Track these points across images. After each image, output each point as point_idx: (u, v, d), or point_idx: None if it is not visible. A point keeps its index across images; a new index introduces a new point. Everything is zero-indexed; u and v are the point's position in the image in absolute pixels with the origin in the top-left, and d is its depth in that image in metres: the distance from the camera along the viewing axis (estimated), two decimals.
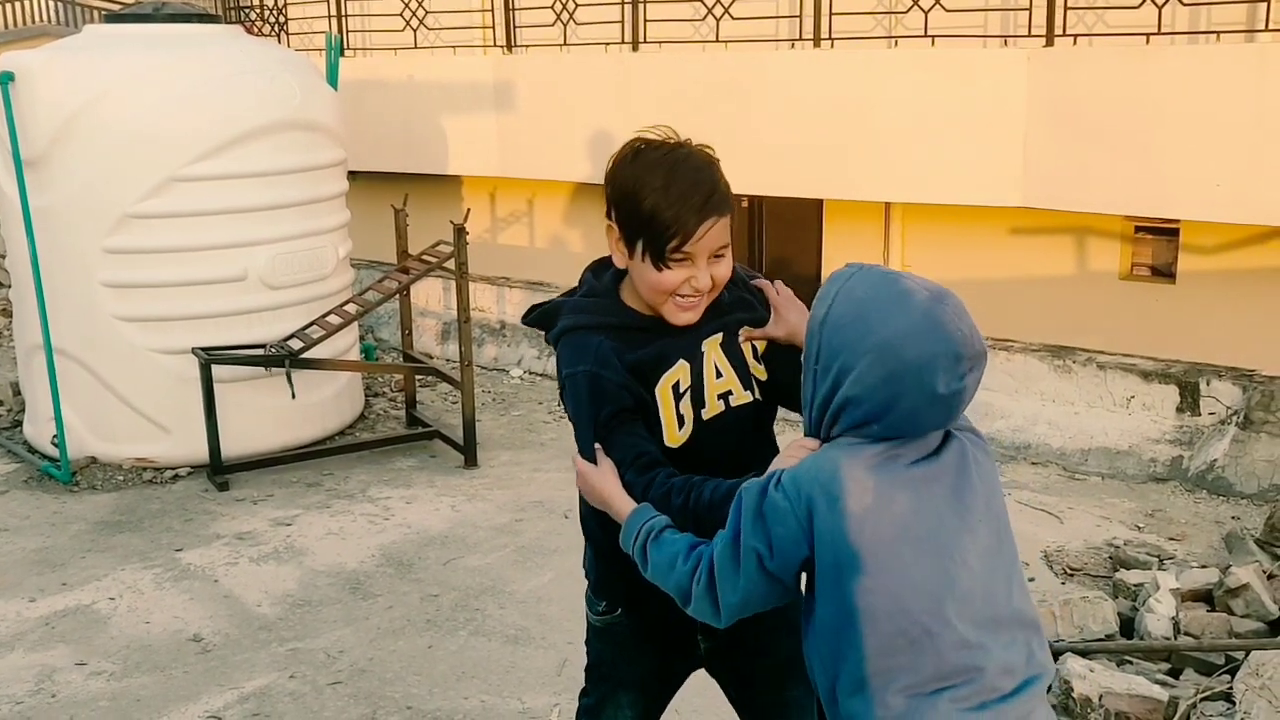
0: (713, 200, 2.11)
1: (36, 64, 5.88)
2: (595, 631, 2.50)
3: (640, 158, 2.22)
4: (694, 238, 2.10)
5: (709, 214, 2.10)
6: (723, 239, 2.16)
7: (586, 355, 2.22)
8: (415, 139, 10.92)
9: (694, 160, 2.18)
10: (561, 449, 6.48)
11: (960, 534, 1.80)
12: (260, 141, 6.13)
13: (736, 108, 8.92)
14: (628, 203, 2.21)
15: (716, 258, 2.16)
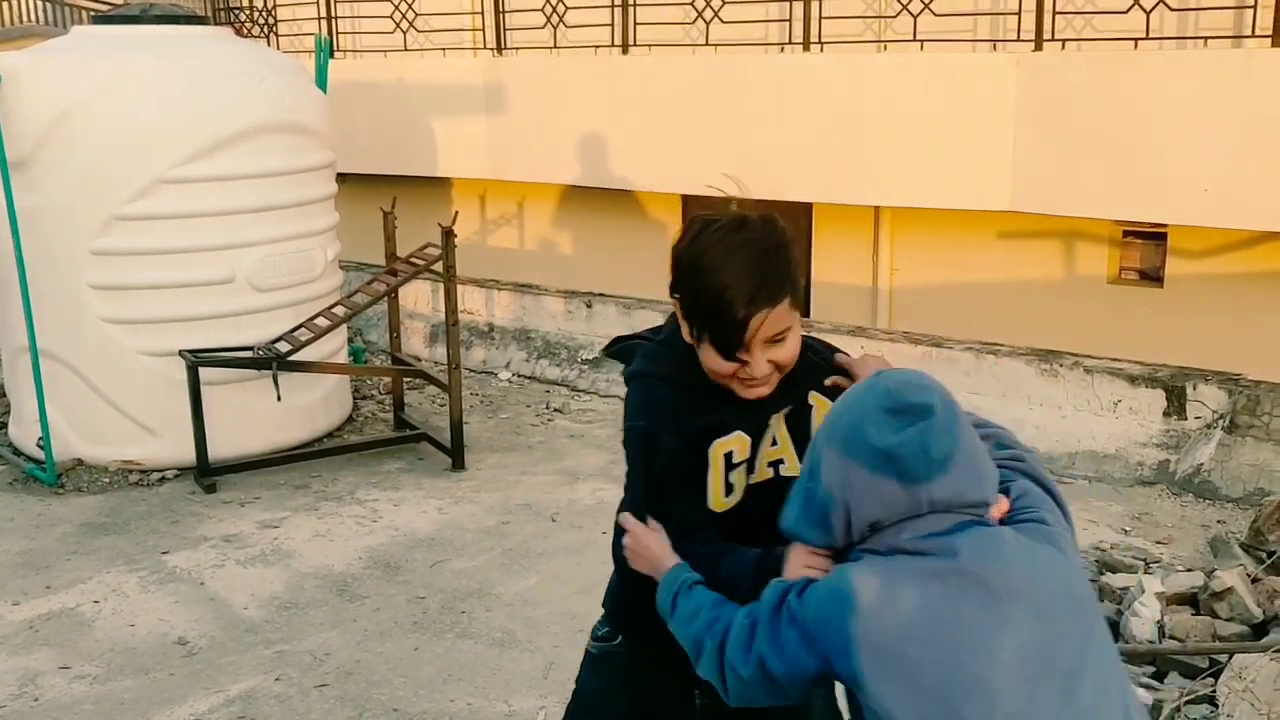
0: (761, 294, 2.03)
1: (23, 65, 5.86)
2: (590, 660, 2.48)
3: (698, 241, 2.12)
4: (745, 334, 2.04)
5: (757, 308, 2.03)
6: (778, 326, 2.07)
7: (649, 410, 2.19)
8: (405, 141, 10.92)
9: (750, 247, 2.07)
10: (549, 452, 6.48)
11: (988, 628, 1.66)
12: (248, 143, 6.11)
13: (726, 111, 8.93)
14: (684, 287, 2.13)
15: (775, 342, 2.08)
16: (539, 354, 8.00)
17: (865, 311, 9.36)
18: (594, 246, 10.73)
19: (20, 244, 5.83)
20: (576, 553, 5.10)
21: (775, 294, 2.04)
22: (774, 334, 2.06)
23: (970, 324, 7.89)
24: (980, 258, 8.85)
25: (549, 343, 8.01)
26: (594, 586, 4.71)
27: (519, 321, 8.22)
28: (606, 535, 5.18)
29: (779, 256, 2.08)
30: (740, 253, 2.06)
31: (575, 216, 10.82)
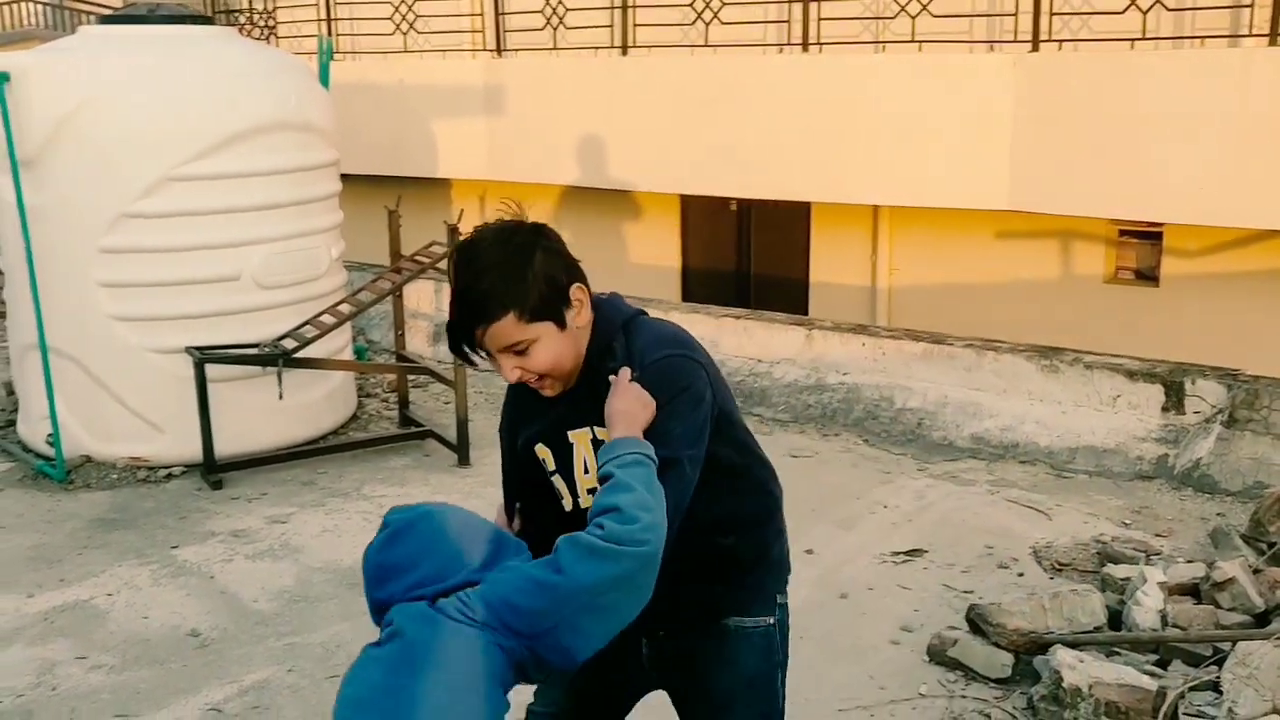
0: (473, 313, 2.15)
1: (31, 64, 5.90)
2: None
3: (457, 254, 2.26)
4: (462, 344, 2.20)
5: (474, 326, 2.15)
6: (504, 340, 2.16)
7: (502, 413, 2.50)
8: (405, 142, 10.97)
9: (476, 263, 2.17)
10: None
11: None
12: (254, 141, 6.15)
13: (725, 111, 8.99)
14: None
15: (517, 353, 2.18)
16: None
17: (864, 310, 9.43)
18: (593, 246, 10.76)
19: (29, 241, 5.87)
20: None
21: (491, 309, 2.13)
22: (503, 346, 2.17)
23: (968, 323, 7.96)
24: (978, 257, 8.92)
25: None
26: None
27: None
28: None
29: (512, 267, 2.16)
30: (472, 264, 2.17)
31: (574, 217, 10.87)
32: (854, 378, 6.82)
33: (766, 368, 7.10)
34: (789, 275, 10.04)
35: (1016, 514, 5.43)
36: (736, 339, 7.24)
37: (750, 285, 10.31)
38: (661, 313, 7.55)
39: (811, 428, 6.70)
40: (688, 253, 10.65)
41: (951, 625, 4.27)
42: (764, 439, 6.36)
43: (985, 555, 4.99)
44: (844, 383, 6.84)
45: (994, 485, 5.80)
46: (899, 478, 5.95)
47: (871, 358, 6.80)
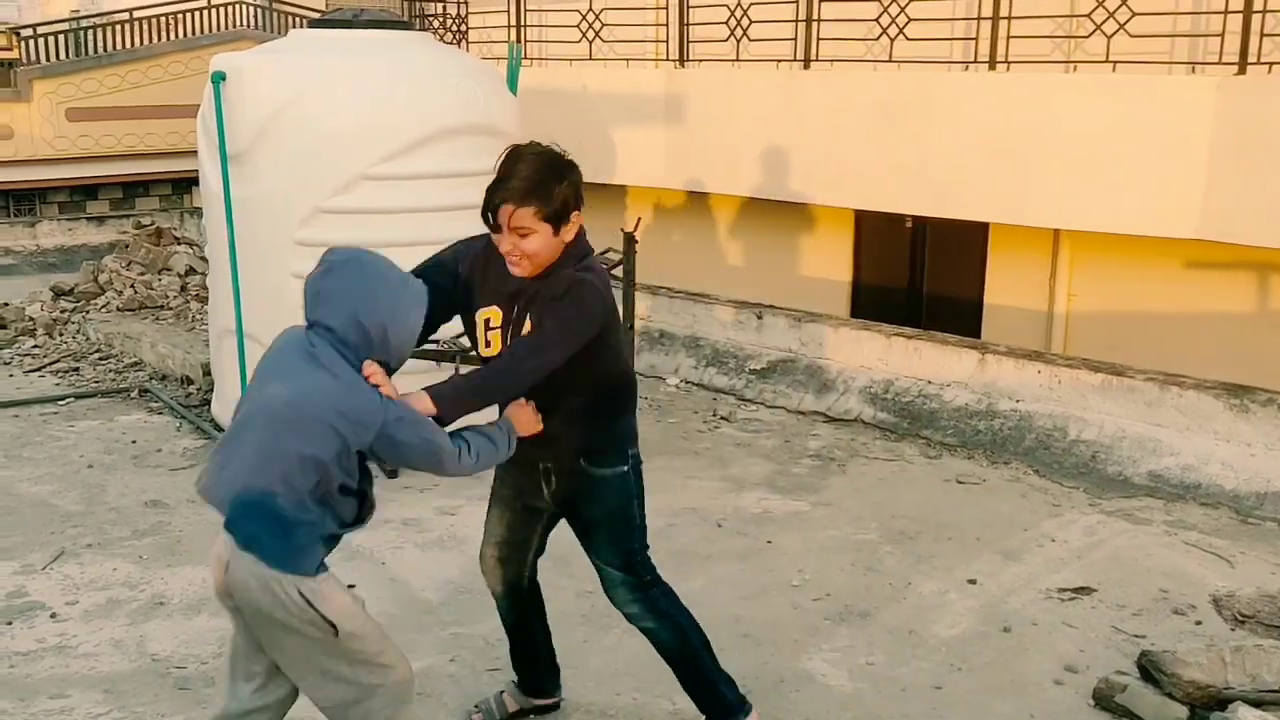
0: (513, 193, 2.99)
1: (246, 65, 6.25)
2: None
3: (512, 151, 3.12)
4: (495, 216, 3.03)
5: (504, 200, 3.00)
6: (520, 222, 3.01)
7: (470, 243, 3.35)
8: (585, 148, 11.08)
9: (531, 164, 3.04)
10: (715, 459, 6.56)
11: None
12: (444, 143, 6.37)
13: (906, 127, 8.88)
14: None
15: (521, 235, 3.02)
16: (707, 362, 8.09)
17: (1040, 335, 9.17)
18: (766, 258, 10.78)
19: (233, 232, 6.21)
20: (741, 559, 5.17)
21: (523, 198, 2.99)
22: (517, 227, 3.01)
23: (1150, 355, 7.65)
24: (1164, 286, 8.58)
25: (718, 351, 8.09)
26: (759, 594, 4.78)
27: (689, 329, 8.32)
28: (771, 545, 5.25)
29: (547, 180, 3.03)
30: (522, 164, 3.04)
31: (748, 227, 10.89)
32: (1027, 405, 6.64)
33: (936, 390, 6.98)
34: (963, 295, 9.84)
35: (1195, 558, 5.20)
36: (906, 359, 7.14)
37: (922, 304, 10.14)
38: (831, 329, 7.52)
39: (980, 454, 6.55)
40: (859, 268, 10.55)
41: (1120, 670, 4.13)
42: (929, 463, 6.27)
43: (1160, 599, 4.80)
44: (1016, 410, 6.67)
45: (1171, 526, 5.57)
46: (1069, 511, 5.77)
47: (1046, 385, 6.61)
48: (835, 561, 5.16)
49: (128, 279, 9.72)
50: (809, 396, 7.44)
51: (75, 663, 4.15)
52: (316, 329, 2.90)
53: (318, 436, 2.78)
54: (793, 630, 4.50)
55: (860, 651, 4.35)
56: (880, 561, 5.17)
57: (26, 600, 4.63)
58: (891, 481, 6.21)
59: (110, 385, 7.82)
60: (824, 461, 6.52)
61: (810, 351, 7.61)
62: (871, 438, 6.91)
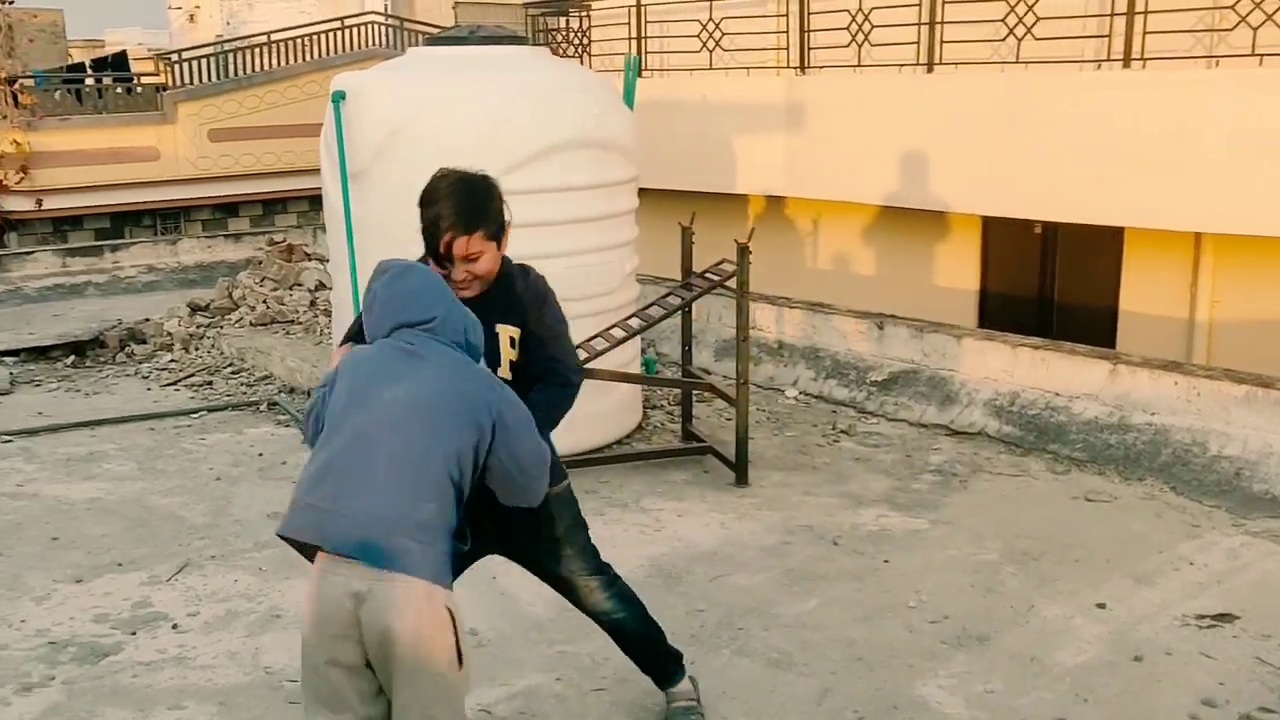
0: (459, 225, 3.15)
1: (365, 84, 6.37)
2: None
3: (429, 185, 3.24)
4: (444, 250, 3.13)
5: (455, 234, 3.14)
6: (470, 249, 3.16)
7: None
8: (705, 157, 11.11)
9: (460, 191, 3.23)
10: (833, 473, 6.41)
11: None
12: (558, 157, 6.38)
13: (1035, 130, 8.60)
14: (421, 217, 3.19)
15: (470, 260, 3.16)
16: (827, 373, 7.93)
17: (1180, 345, 8.77)
18: (888, 267, 10.56)
19: (353, 249, 6.32)
20: (857, 579, 5.02)
21: (469, 226, 3.15)
22: (464, 254, 3.14)
23: None
24: None
25: (838, 363, 7.93)
26: (874, 615, 4.64)
27: (808, 340, 8.18)
28: (889, 564, 5.11)
29: (482, 202, 3.23)
30: (451, 196, 3.17)
31: (870, 236, 10.68)
32: (1163, 419, 6.33)
33: (1065, 402, 6.71)
34: (1096, 303, 9.48)
35: None
36: (1033, 370, 6.88)
37: (1053, 312, 9.80)
38: (954, 339, 7.30)
39: (1111, 470, 6.27)
40: (987, 276, 10.25)
41: (1265, 706, 3.88)
42: (1056, 479, 6.02)
43: None
44: (1151, 423, 6.36)
45: None
46: (1209, 532, 5.47)
47: (1184, 398, 6.29)
48: (954, 582, 4.98)
49: (260, 294, 10.01)
50: (931, 409, 7.23)
51: (193, 674, 4.24)
52: (408, 329, 2.85)
53: (454, 427, 2.72)
54: (908, 654, 4.35)
55: (978, 678, 4.17)
56: (1002, 583, 4.97)
57: (151, 611, 4.77)
58: (1016, 498, 5.98)
59: (241, 399, 8.05)
60: (945, 477, 6.32)
61: (933, 362, 7.40)
62: (995, 452, 6.67)
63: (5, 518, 5.89)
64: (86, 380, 8.66)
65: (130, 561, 5.30)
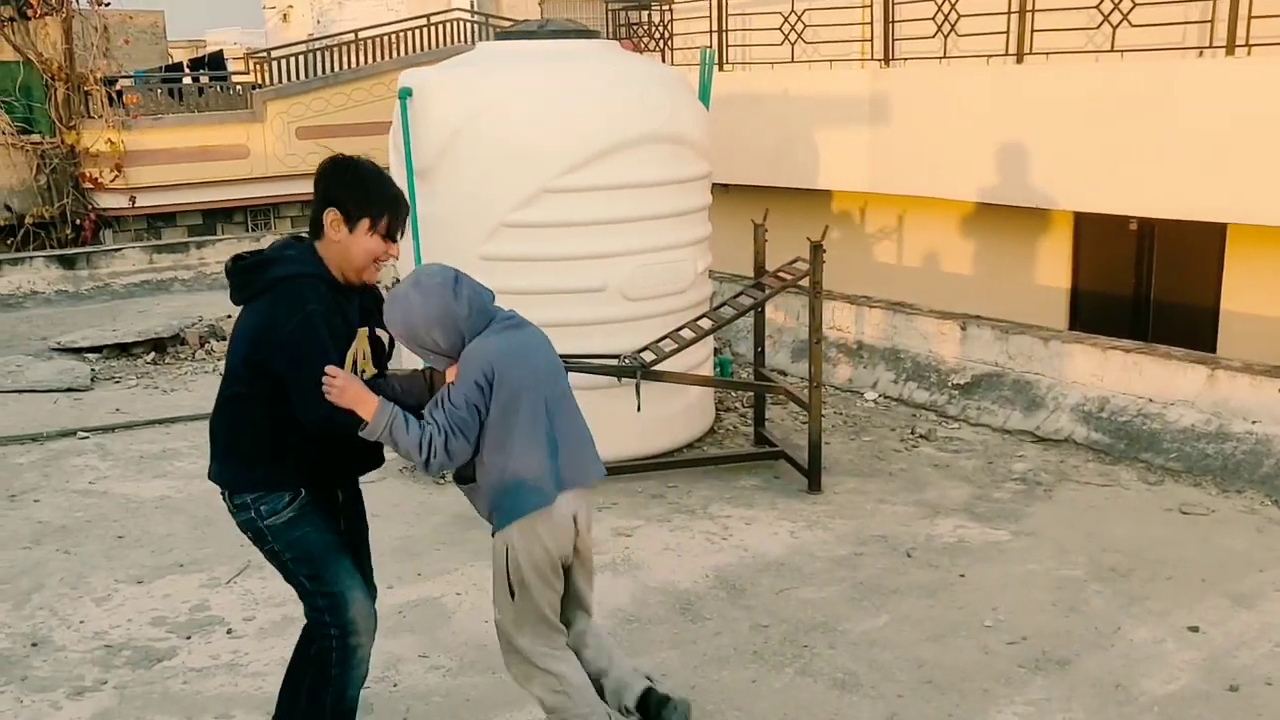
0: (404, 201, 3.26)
1: (431, 80, 6.28)
2: (290, 525, 3.25)
3: (362, 163, 3.18)
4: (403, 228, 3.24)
5: (407, 211, 3.27)
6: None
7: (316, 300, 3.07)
8: (786, 153, 10.88)
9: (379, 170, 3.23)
10: (910, 480, 6.17)
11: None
12: (627, 154, 6.23)
13: (1131, 122, 8.22)
14: (365, 189, 3.13)
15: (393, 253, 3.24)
16: (908, 376, 7.67)
17: None
18: (974, 265, 10.22)
19: (419, 248, 6.24)
20: (930, 594, 4.79)
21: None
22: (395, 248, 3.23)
23: None
24: None
25: (919, 364, 7.66)
26: (947, 633, 4.41)
27: (889, 341, 7.92)
28: (965, 579, 4.86)
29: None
30: (386, 177, 3.22)
31: (956, 233, 10.35)
32: (1265, 428, 5.97)
33: (1158, 409, 6.37)
34: (1195, 303, 9.04)
35: None
36: (1125, 375, 6.55)
37: (1148, 313, 9.38)
38: (1040, 341, 6.99)
39: (1208, 481, 5.93)
40: (1078, 275, 9.85)
41: None
42: (1148, 490, 5.72)
43: None
44: (1252, 432, 6.00)
45: None
46: None
47: None
48: (1034, 600, 4.72)
49: None
50: (1016, 414, 6.93)
51: (244, 681, 4.18)
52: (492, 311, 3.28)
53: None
54: (982, 678, 4.12)
55: (1058, 706, 3.92)
56: (1085, 602, 4.70)
57: (207, 615, 4.73)
58: (1104, 510, 5.69)
59: None
60: (1029, 486, 6.04)
61: (1018, 365, 7.10)
62: (1083, 460, 6.37)
63: (75, 515, 5.92)
64: (165, 377, 8.75)
65: (192, 562, 5.28)
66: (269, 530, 3.26)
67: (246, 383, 3.13)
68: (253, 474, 3.21)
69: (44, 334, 10.17)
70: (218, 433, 3.25)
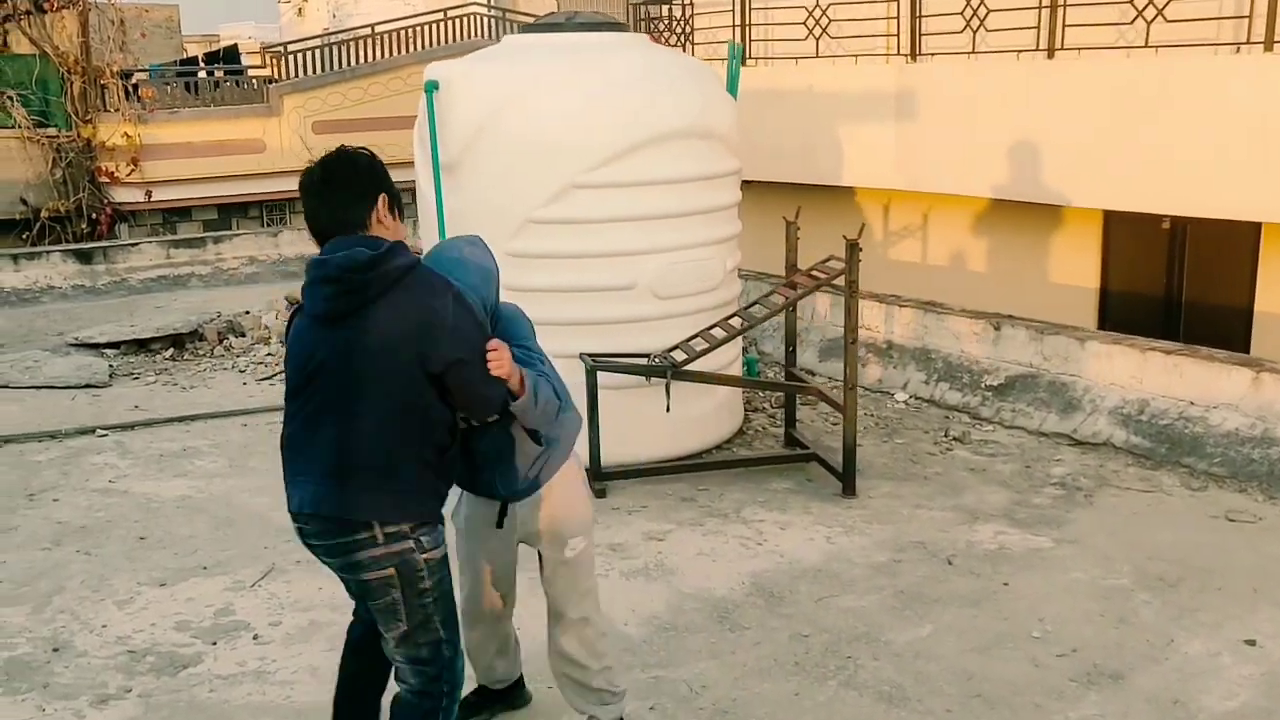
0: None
1: (457, 73, 6.15)
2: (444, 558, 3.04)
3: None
4: None
5: None
6: None
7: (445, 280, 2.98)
8: (810, 149, 10.73)
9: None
10: (946, 484, 6.04)
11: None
12: (656, 149, 6.10)
13: (1164, 119, 8.06)
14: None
15: None
16: (939, 376, 7.53)
17: None
18: (1004, 264, 10.07)
19: None
20: (974, 604, 4.66)
21: None
22: None
23: None
24: None
25: (950, 365, 7.52)
26: (994, 645, 4.28)
27: (919, 341, 7.78)
28: (1008, 587, 4.72)
29: None
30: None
31: (985, 231, 10.19)
32: None
33: (1200, 412, 6.22)
34: (1228, 304, 8.88)
35: None
36: (1165, 377, 6.40)
37: (1180, 314, 9.21)
38: (1077, 342, 6.85)
39: (1254, 487, 5.78)
40: (1108, 274, 9.69)
41: None
42: (1192, 496, 5.57)
43: None
44: None
45: None
46: None
47: None
48: (1082, 610, 4.58)
49: None
50: (1052, 416, 6.79)
51: (272, 690, 4.07)
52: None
53: None
54: (1033, 692, 3.98)
55: None
56: (1135, 612, 4.56)
57: (233, 619, 4.62)
58: (1147, 516, 5.54)
59: None
60: (1069, 491, 5.90)
61: (1053, 367, 6.95)
62: (1123, 464, 6.22)
63: (96, 515, 5.82)
64: (184, 373, 8.64)
65: (215, 564, 5.17)
66: (428, 567, 2.93)
67: (418, 389, 2.85)
68: (419, 500, 2.92)
69: (61, 329, 10.08)
70: (366, 453, 2.84)
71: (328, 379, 2.87)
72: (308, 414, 2.91)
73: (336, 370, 2.85)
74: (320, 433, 2.88)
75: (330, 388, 2.86)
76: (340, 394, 2.85)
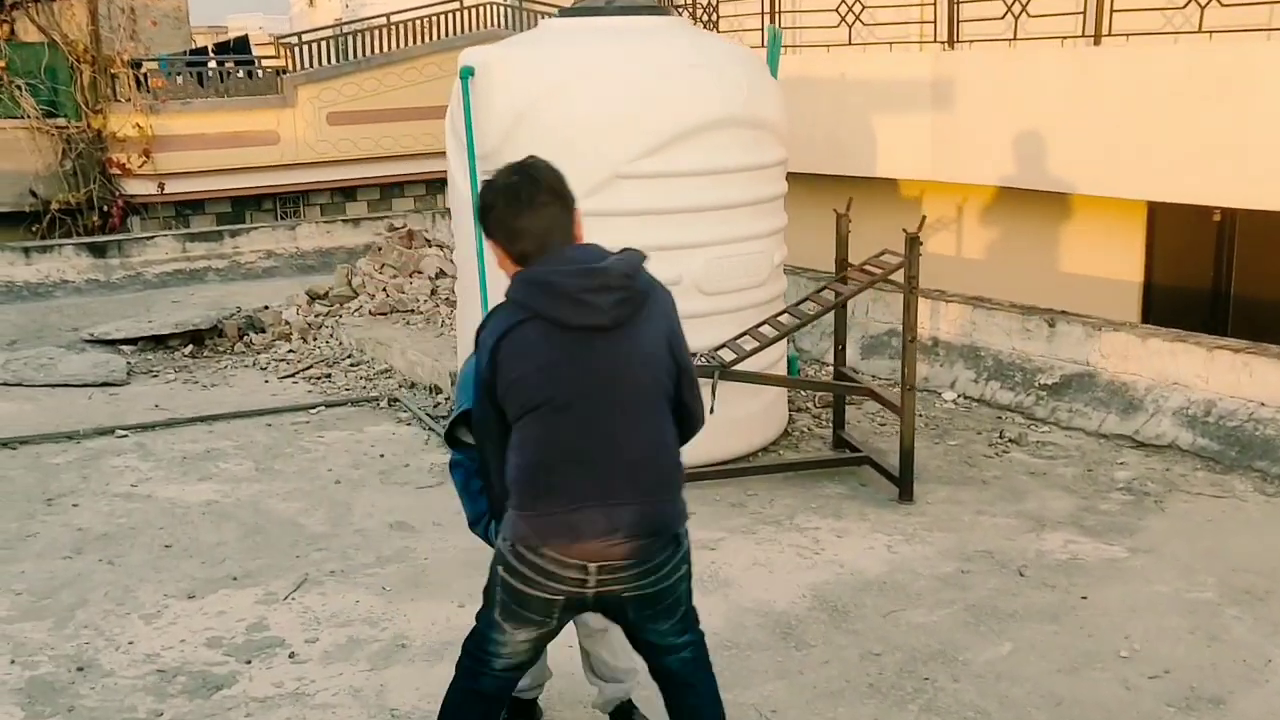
0: None
1: (494, 58, 5.89)
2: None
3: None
4: None
5: None
6: None
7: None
8: (842, 139, 10.44)
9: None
10: (1007, 489, 5.76)
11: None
12: (703, 138, 5.83)
13: (1218, 108, 7.76)
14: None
15: None
16: (989, 375, 7.25)
17: None
18: (1047, 258, 9.77)
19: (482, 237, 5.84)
20: (1053, 619, 4.39)
21: None
22: None
23: None
24: None
25: (1001, 363, 7.24)
26: (1080, 665, 3.99)
27: (967, 338, 7.50)
28: (1087, 601, 4.44)
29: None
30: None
31: (1026, 224, 9.90)
32: None
33: (1273, 414, 5.94)
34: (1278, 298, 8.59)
35: None
36: (1233, 376, 6.12)
37: (1228, 308, 8.93)
38: (1137, 339, 6.56)
39: None
40: (1152, 267, 9.40)
41: None
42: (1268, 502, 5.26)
43: None
44: None
45: None
46: None
47: None
48: (1168, 627, 4.31)
49: (380, 282, 9.66)
50: (1112, 417, 6.51)
51: (312, 715, 3.81)
52: None
53: None
54: (1128, 718, 3.71)
55: None
56: (1226, 629, 4.29)
57: (267, 635, 4.36)
58: (1223, 523, 5.27)
59: (360, 393, 7.68)
60: (1137, 496, 5.62)
61: (1112, 365, 6.68)
62: (1191, 468, 5.95)
63: (118, 521, 5.57)
64: (204, 371, 8.39)
65: (246, 575, 4.92)
66: (690, 557, 3.10)
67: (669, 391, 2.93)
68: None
69: (75, 325, 9.83)
70: (671, 460, 2.96)
71: (612, 390, 2.78)
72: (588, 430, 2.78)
73: (622, 380, 2.79)
74: (617, 448, 2.80)
75: (615, 399, 2.78)
76: (634, 403, 2.81)
